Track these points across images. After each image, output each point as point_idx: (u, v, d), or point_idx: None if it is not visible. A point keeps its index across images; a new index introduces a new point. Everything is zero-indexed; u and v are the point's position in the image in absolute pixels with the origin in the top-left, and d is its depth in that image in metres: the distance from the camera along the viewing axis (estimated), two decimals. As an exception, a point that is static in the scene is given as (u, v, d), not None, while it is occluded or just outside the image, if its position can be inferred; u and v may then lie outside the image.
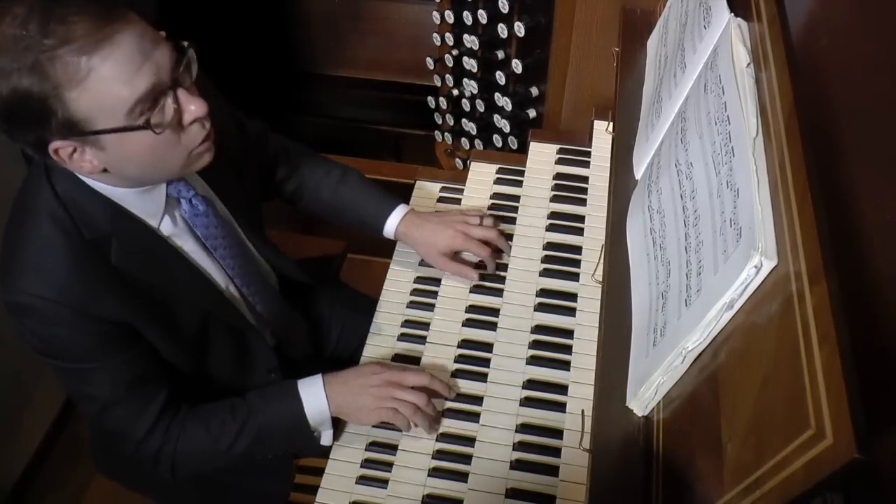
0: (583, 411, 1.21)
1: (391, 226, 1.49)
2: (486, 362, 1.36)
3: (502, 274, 1.49)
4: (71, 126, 0.98)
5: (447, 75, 2.17)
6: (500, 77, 1.98)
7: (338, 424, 1.31)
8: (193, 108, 1.04)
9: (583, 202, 1.58)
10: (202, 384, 1.30)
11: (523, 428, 1.27)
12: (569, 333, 1.38)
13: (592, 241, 1.50)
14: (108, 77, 0.96)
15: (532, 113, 1.98)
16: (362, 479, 1.26)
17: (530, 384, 1.32)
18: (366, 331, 1.46)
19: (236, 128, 1.38)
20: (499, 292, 1.46)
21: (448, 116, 2.29)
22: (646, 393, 0.97)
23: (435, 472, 1.24)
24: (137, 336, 1.16)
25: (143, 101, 0.99)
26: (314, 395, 1.27)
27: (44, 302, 1.06)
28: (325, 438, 1.31)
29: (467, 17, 1.99)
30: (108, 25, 0.96)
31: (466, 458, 1.25)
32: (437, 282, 1.50)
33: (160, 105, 1.02)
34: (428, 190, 1.70)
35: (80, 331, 1.10)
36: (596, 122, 1.67)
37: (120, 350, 1.15)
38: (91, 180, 1.09)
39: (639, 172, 1.30)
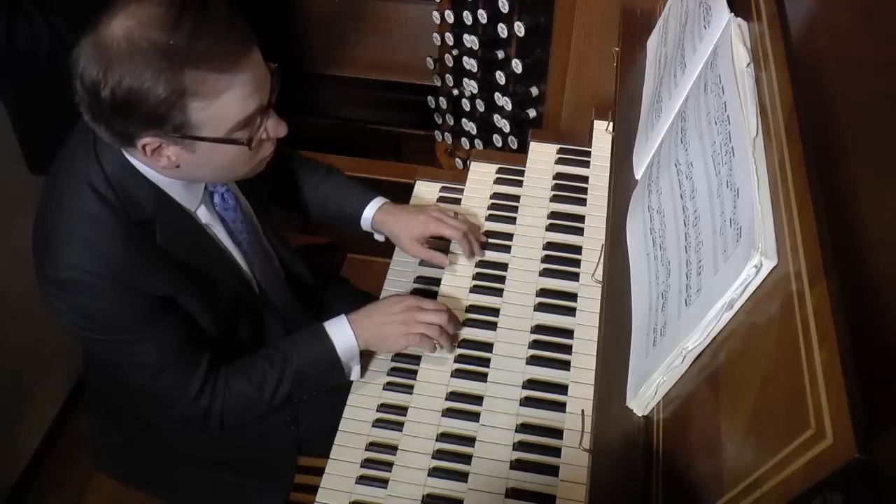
0: (583, 411, 1.21)
1: (368, 215, 1.53)
2: (486, 362, 1.36)
3: (502, 274, 1.49)
4: (178, 129, 1.03)
5: (447, 75, 2.17)
6: (500, 77, 1.98)
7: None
8: (282, 130, 1.15)
9: (583, 202, 1.58)
10: (227, 353, 1.33)
11: (523, 428, 1.27)
12: (569, 333, 1.38)
13: (592, 240, 1.50)
14: (232, 97, 1.04)
15: (532, 113, 1.99)
16: (362, 479, 1.26)
17: (530, 384, 1.32)
18: None
19: None
20: (499, 292, 1.46)
21: (448, 116, 2.29)
22: (646, 393, 0.97)
23: (435, 472, 1.24)
24: (178, 306, 1.20)
25: (249, 121, 1.08)
26: (342, 332, 1.32)
27: (96, 277, 1.09)
28: (355, 374, 1.37)
29: (467, 17, 1.99)
30: (248, 54, 1.05)
31: (466, 458, 1.25)
32: (436, 282, 1.50)
33: (259, 125, 1.10)
34: (428, 190, 1.70)
35: (130, 304, 1.14)
36: (596, 121, 1.67)
37: (166, 319, 1.19)
38: (141, 165, 1.13)
39: (639, 172, 1.30)
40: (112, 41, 0.98)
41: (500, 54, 1.97)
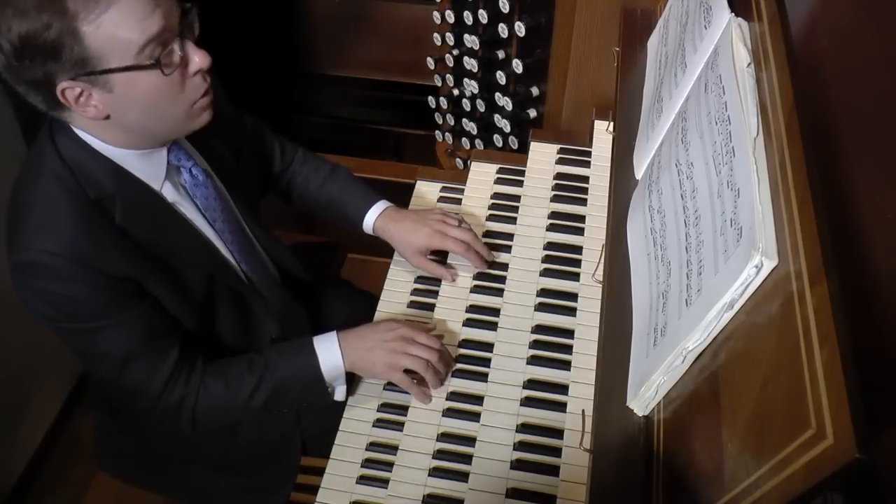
0: (583, 411, 1.21)
1: (370, 220, 1.50)
2: (486, 362, 1.36)
3: (503, 274, 1.49)
4: (82, 62, 1.01)
5: (448, 75, 2.17)
6: (501, 77, 1.98)
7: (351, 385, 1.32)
8: (198, 58, 1.09)
9: (583, 202, 1.58)
10: (211, 346, 1.31)
11: (524, 428, 1.27)
12: (569, 333, 1.38)
13: (593, 240, 1.50)
14: (123, 15, 1.00)
15: (532, 113, 1.99)
16: (363, 479, 1.26)
17: (531, 384, 1.32)
18: None
19: (236, 118, 1.42)
20: (499, 292, 1.46)
21: (448, 116, 2.29)
22: (646, 393, 0.97)
23: (435, 472, 1.24)
24: (146, 292, 1.18)
25: (153, 41, 1.03)
26: (329, 350, 1.29)
27: (52, 257, 1.08)
28: (339, 394, 1.34)
29: (468, 17, 1.98)
30: None
31: (467, 458, 1.25)
32: (437, 282, 1.50)
33: (168, 49, 1.06)
34: (428, 190, 1.70)
35: (90, 286, 1.11)
36: (596, 121, 1.67)
37: (131, 305, 1.16)
38: (94, 140, 1.11)
39: (639, 172, 1.29)
40: None
41: (501, 54, 1.97)
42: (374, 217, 1.50)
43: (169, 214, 1.21)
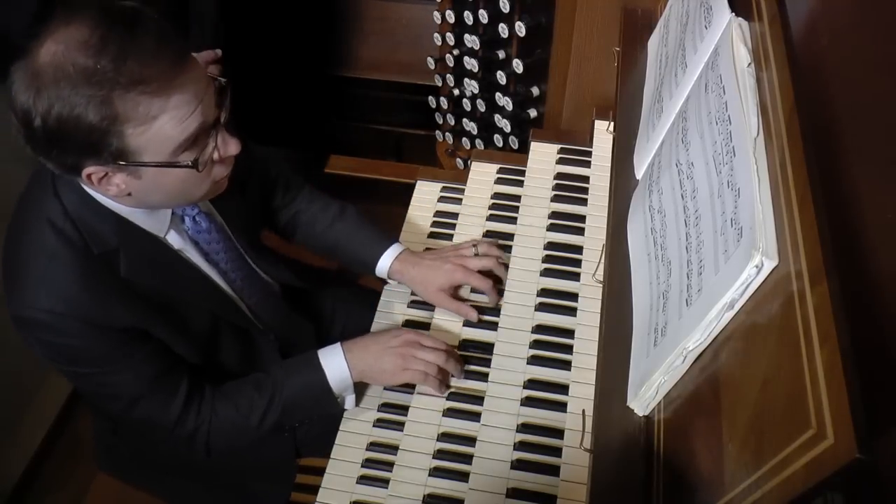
0: (584, 411, 1.21)
1: (384, 264, 1.46)
2: (486, 362, 1.36)
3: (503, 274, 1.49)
4: (119, 156, 0.99)
5: (448, 75, 2.17)
6: (501, 77, 1.97)
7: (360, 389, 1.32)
8: (232, 148, 1.10)
9: (583, 202, 1.58)
10: (217, 375, 1.31)
11: (524, 428, 1.27)
12: (569, 333, 1.38)
13: (593, 240, 1.50)
14: (169, 119, 0.99)
15: (533, 113, 1.98)
16: (363, 479, 1.26)
17: (531, 384, 1.32)
18: (368, 326, 1.46)
19: (244, 150, 1.38)
20: (499, 292, 1.46)
21: (449, 116, 2.28)
22: (646, 393, 0.97)
23: (436, 472, 1.24)
24: (150, 335, 1.17)
25: (191, 139, 1.02)
26: (335, 363, 1.29)
27: (53, 316, 1.07)
28: (349, 402, 1.33)
29: (468, 17, 1.98)
30: (183, 73, 0.99)
31: (467, 458, 1.25)
32: (437, 282, 1.50)
33: (204, 145, 1.05)
34: (429, 190, 1.70)
35: (92, 339, 1.11)
36: (597, 121, 1.67)
37: (136, 349, 1.16)
38: (101, 197, 1.09)
39: (640, 172, 1.29)
40: (39, 68, 0.94)
41: (501, 54, 1.97)
42: (389, 261, 1.46)
43: (174, 261, 1.20)
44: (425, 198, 1.69)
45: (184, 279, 1.21)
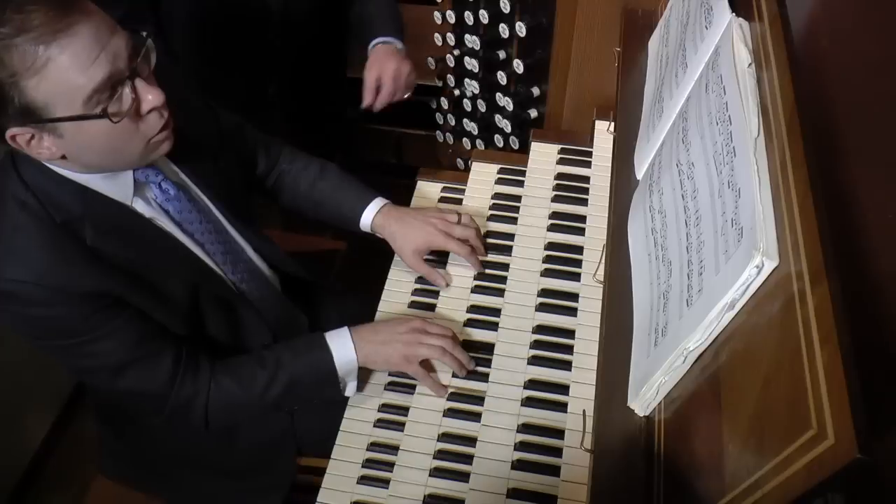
0: (584, 411, 1.21)
1: (368, 217, 1.48)
2: (487, 362, 1.36)
3: (503, 274, 1.49)
4: (28, 113, 0.99)
5: (448, 75, 2.17)
6: (502, 77, 1.97)
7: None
8: (151, 97, 1.06)
9: (584, 202, 1.58)
10: (206, 348, 1.30)
11: (524, 428, 1.27)
12: (570, 333, 1.38)
13: (594, 241, 1.50)
14: (66, 66, 0.97)
15: (533, 113, 1.98)
16: (363, 479, 1.26)
17: (531, 384, 1.32)
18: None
19: (211, 118, 1.38)
20: (500, 292, 1.46)
21: (449, 116, 2.29)
22: (647, 393, 0.97)
23: (436, 472, 1.24)
24: (125, 302, 1.16)
25: (100, 90, 1.00)
26: (342, 345, 1.29)
27: (22, 285, 1.06)
28: (350, 389, 1.33)
29: (468, 17, 1.98)
30: (67, 16, 0.97)
31: (468, 458, 1.25)
32: (438, 282, 1.50)
33: (118, 94, 1.03)
34: (429, 190, 1.70)
35: (66, 306, 1.10)
36: (597, 122, 1.67)
37: (114, 314, 1.15)
38: (56, 166, 1.10)
39: (640, 172, 1.29)
40: None
41: (502, 54, 1.97)
42: (372, 214, 1.48)
43: (144, 229, 1.18)
44: (425, 198, 1.69)
45: (154, 247, 1.20)
